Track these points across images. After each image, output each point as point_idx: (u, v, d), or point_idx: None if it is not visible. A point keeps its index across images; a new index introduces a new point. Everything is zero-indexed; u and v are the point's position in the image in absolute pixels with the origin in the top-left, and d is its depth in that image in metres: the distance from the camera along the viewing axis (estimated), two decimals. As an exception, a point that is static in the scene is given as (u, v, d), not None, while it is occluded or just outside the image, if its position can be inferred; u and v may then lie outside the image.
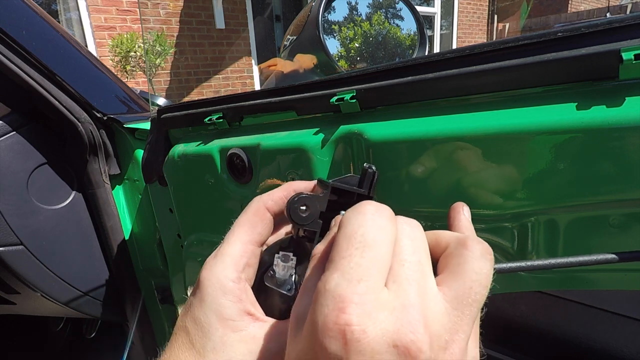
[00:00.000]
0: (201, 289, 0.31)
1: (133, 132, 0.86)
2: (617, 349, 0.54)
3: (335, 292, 0.21)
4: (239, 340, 0.29)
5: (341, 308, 0.21)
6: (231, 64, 5.89)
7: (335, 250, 0.23)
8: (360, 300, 0.21)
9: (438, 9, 8.01)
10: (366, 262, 0.22)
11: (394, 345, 0.20)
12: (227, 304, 0.30)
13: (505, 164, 0.35)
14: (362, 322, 0.20)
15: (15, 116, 0.82)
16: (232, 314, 0.30)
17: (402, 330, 0.21)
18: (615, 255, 0.31)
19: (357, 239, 0.23)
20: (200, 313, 0.30)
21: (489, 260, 0.24)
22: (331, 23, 1.44)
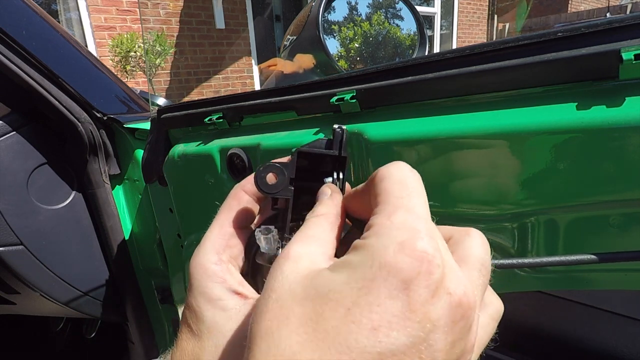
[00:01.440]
0: (189, 277, 0.32)
1: (133, 132, 0.86)
2: (617, 349, 0.54)
3: (407, 224, 0.22)
4: (229, 318, 0.30)
5: (419, 237, 0.21)
6: (231, 64, 5.89)
7: (387, 194, 0.24)
8: (433, 236, 0.22)
9: (438, 9, 8.01)
10: (423, 204, 0.23)
11: (448, 292, 0.21)
12: (212, 286, 0.31)
13: (505, 164, 0.35)
14: (436, 256, 0.21)
15: (15, 116, 0.82)
16: (219, 294, 0.30)
17: (457, 282, 0.21)
18: (597, 255, 0.31)
19: (409, 184, 0.25)
20: (192, 299, 0.31)
21: (488, 247, 0.26)
22: (331, 23, 1.44)
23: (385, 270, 0.20)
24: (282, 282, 0.22)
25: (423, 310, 0.20)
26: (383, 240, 0.21)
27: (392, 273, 0.20)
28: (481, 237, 0.26)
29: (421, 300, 0.20)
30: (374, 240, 0.22)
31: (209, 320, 0.30)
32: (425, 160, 0.39)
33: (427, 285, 0.20)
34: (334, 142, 0.32)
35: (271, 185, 0.31)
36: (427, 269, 0.20)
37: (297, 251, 0.24)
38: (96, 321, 1.17)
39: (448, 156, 0.38)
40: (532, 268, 0.40)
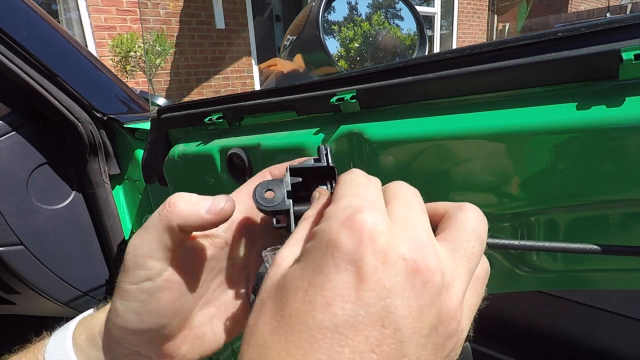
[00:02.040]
0: None
1: (133, 132, 0.86)
2: (617, 349, 0.54)
3: (350, 204, 0.22)
4: None
5: (359, 210, 0.21)
6: (231, 64, 5.89)
7: (339, 189, 0.25)
8: (375, 210, 0.22)
9: (438, 9, 8.01)
10: (370, 193, 0.24)
11: (404, 258, 0.20)
12: None
13: (506, 164, 0.35)
14: (378, 223, 0.21)
15: (15, 116, 0.82)
16: None
17: (413, 247, 0.21)
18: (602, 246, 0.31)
19: (358, 181, 0.25)
20: None
21: (483, 219, 0.26)
22: (331, 23, 1.44)
23: (330, 247, 0.21)
24: (266, 285, 0.23)
25: (374, 278, 0.20)
26: (329, 221, 0.22)
27: (337, 248, 0.21)
28: (474, 211, 0.26)
29: (371, 269, 0.20)
30: (323, 224, 0.22)
31: None
32: (425, 160, 0.39)
33: (373, 252, 0.20)
34: (320, 158, 0.34)
35: (269, 199, 0.32)
36: (370, 236, 0.20)
37: (283, 255, 0.24)
38: (96, 321, 1.17)
39: (448, 156, 0.38)
40: (526, 265, 0.40)
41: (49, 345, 0.32)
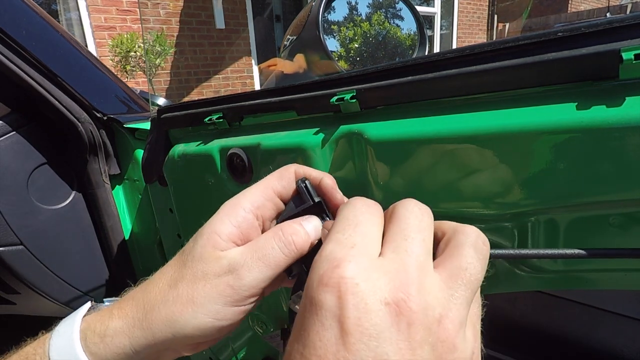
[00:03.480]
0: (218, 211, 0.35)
1: (133, 132, 0.86)
2: (617, 349, 0.54)
3: (330, 255, 0.23)
4: (214, 257, 0.31)
5: (336, 265, 0.22)
6: (231, 64, 5.89)
7: (330, 232, 0.25)
8: (354, 259, 0.22)
9: (438, 9, 8.00)
10: (358, 234, 0.24)
11: (386, 303, 0.21)
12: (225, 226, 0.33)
13: (505, 164, 0.35)
14: (355, 275, 0.21)
15: (15, 116, 0.82)
16: (225, 235, 0.33)
17: (394, 289, 0.21)
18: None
19: (350, 219, 0.26)
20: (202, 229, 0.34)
21: (484, 244, 0.26)
22: (331, 23, 1.44)
23: (314, 306, 0.22)
24: None
25: (360, 330, 0.20)
26: (311, 276, 0.23)
27: (319, 306, 0.21)
28: (475, 235, 0.26)
29: (354, 321, 0.20)
30: (307, 281, 0.23)
31: (197, 253, 0.32)
32: (425, 160, 0.39)
33: (354, 305, 0.20)
34: (302, 196, 0.35)
35: None
36: (347, 289, 0.21)
37: None
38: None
39: (448, 156, 0.38)
40: (526, 265, 0.40)
41: (53, 340, 0.32)
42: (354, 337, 0.20)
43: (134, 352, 0.31)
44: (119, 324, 0.32)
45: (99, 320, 0.33)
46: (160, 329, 0.31)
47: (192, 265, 0.32)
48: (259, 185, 0.36)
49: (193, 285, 0.31)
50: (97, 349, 0.32)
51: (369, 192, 0.45)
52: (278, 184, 0.36)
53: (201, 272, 0.31)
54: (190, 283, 0.31)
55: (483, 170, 0.37)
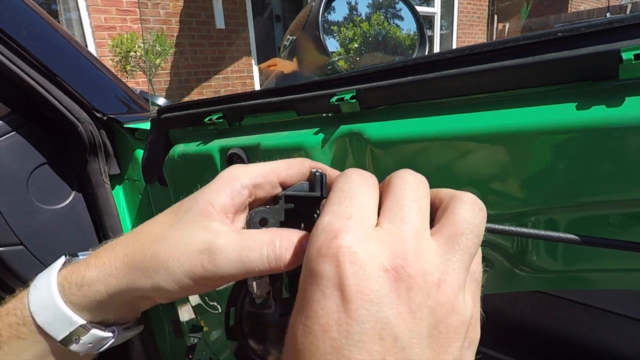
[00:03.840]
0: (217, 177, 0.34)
1: (133, 132, 0.86)
2: (617, 349, 0.54)
3: (327, 227, 0.23)
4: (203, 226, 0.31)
5: (334, 236, 0.22)
6: (231, 64, 5.89)
7: (326, 204, 0.25)
8: (351, 230, 0.23)
9: (438, 9, 8.00)
10: (354, 206, 0.24)
11: (384, 270, 0.21)
12: (221, 197, 0.32)
13: (505, 164, 0.35)
14: (353, 244, 0.22)
15: (15, 116, 0.82)
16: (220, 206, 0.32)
17: (392, 256, 0.22)
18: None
19: (346, 191, 0.26)
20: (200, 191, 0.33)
21: (480, 210, 0.26)
22: (331, 23, 1.44)
23: (314, 276, 0.22)
24: None
25: (360, 296, 0.21)
26: (309, 249, 0.23)
27: (319, 276, 0.22)
28: (471, 202, 0.26)
29: (354, 288, 0.21)
30: (306, 253, 0.24)
31: (187, 220, 0.32)
32: (425, 160, 0.39)
33: (352, 272, 0.21)
34: (315, 185, 0.35)
35: (264, 227, 0.33)
36: (346, 258, 0.21)
37: None
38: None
39: (448, 156, 0.38)
40: (527, 265, 0.40)
41: (32, 295, 0.33)
42: (355, 303, 0.20)
43: (109, 299, 0.32)
44: (95, 273, 0.32)
45: (75, 271, 0.33)
46: (134, 280, 0.31)
47: (179, 229, 0.32)
48: (264, 167, 0.35)
49: (172, 249, 0.31)
50: (75, 299, 0.32)
51: (369, 192, 0.45)
52: (284, 171, 0.35)
53: (184, 241, 0.31)
54: (171, 247, 0.31)
55: (483, 170, 0.37)
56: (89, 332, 0.32)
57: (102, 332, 0.33)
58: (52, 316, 0.32)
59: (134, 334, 0.37)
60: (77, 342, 0.32)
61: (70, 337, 0.32)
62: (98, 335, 0.33)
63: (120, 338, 0.35)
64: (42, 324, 0.32)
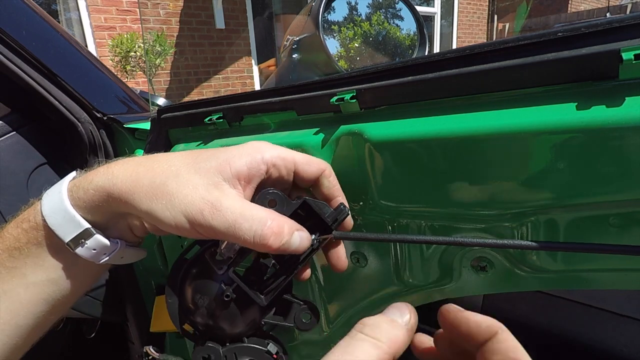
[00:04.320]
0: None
1: (133, 132, 0.86)
2: (617, 349, 0.54)
3: None
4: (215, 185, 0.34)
5: None
6: (231, 64, 5.89)
7: None
8: None
9: (438, 9, 8.01)
10: None
11: None
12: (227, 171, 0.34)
13: (505, 164, 0.35)
14: None
15: (15, 116, 0.82)
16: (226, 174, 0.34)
17: None
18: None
19: None
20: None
21: None
22: (331, 23, 1.44)
23: None
24: None
25: None
26: None
27: None
28: None
29: None
30: None
31: (204, 168, 0.34)
32: (425, 160, 0.39)
33: None
34: (334, 214, 0.37)
35: (270, 208, 0.35)
36: None
37: None
38: (96, 321, 1.17)
39: (448, 156, 0.38)
40: (526, 265, 0.40)
41: (44, 200, 0.35)
42: None
43: (109, 208, 0.34)
44: (102, 179, 0.34)
45: (85, 178, 0.35)
46: (134, 197, 0.33)
47: (193, 173, 0.33)
48: (288, 152, 0.37)
49: (181, 187, 0.33)
50: (81, 203, 0.34)
51: (369, 192, 0.45)
52: (303, 165, 0.37)
53: (195, 183, 0.33)
54: (180, 184, 0.33)
55: (483, 170, 0.37)
56: (93, 237, 0.34)
57: (104, 239, 0.35)
58: (61, 218, 0.34)
59: (137, 255, 0.39)
60: (82, 246, 0.34)
61: (76, 239, 0.34)
62: (101, 241, 0.35)
63: (123, 253, 0.37)
64: (52, 226, 0.34)
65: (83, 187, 0.34)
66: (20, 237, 0.35)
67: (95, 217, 0.35)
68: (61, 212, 0.34)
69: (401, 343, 0.25)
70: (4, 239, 0.36)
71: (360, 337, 0.24)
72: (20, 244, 0.35)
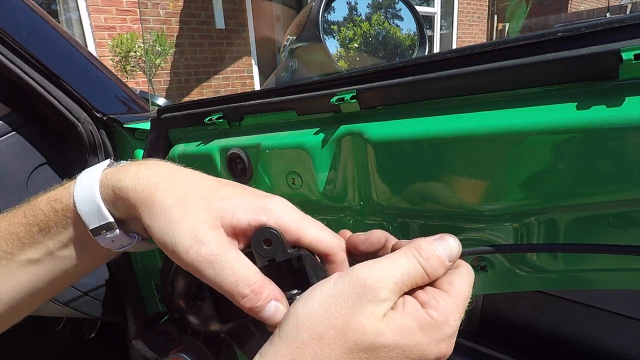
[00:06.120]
0: None
1: (133, 132, 0.86)
2: (617, 349, 0.54)
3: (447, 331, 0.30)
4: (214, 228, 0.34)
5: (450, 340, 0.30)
6: (231, 64, 5.89)
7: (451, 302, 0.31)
8: None
9: (438, 9, 8.01)
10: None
11: None
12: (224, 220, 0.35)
13: (505, 164, 0.35)
14: None
15: (15, 116, 0.82)
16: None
17: None
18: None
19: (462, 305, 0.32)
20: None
21: None
22: (331, 23, 1.44)
23: None
24: None
25: None
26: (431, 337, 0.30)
27: None
28: None
29: None
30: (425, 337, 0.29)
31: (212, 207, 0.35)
32: (425, 160, 0.39)
33: None
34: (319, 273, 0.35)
35: (265, 248, 0.34)
36: None
37: None
38: (96, 321, 1.17)
39: (448, 156, 0.38)
40: (526, 265, 0.40)
41: (77, 185, 0.38)
42: None
43: (129, 211, 0.37)
44: (128, 183, 0.36)
45: (114, 175, 0.37)
46: (142, 216, 0.35)
47: (200, 207, 0.35)
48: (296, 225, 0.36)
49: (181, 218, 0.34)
50: (108, 198, 0.37)
51: (369, 192, 0.45)
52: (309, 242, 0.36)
53: (194, 218, 0.34)
54: (182, 215, 0.34)
55: (483, 169, 0.37)
56: (114, 231, 0.37)
57: (124, 235, 0.38)
58: (89, 208, 0.37)
59: (151, 247, 0.41)
60: (103, 235, 0.37)
61: (99, 229, 0.37)
62: (120, 236, 0.38)
63: (138, 246, 0.40)
64: (81, 212, 0.37)
65: (112, 184, 0.37)
66: (51, 216, 0.38)
67: (118, 213, 0.37)
68: (91, 202, 0.37)
69: None
70: (35, 213, 0.39)
71: None
72: (50, 223, 0.38)
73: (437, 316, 0.29)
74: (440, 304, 0.30)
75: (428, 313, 0.29)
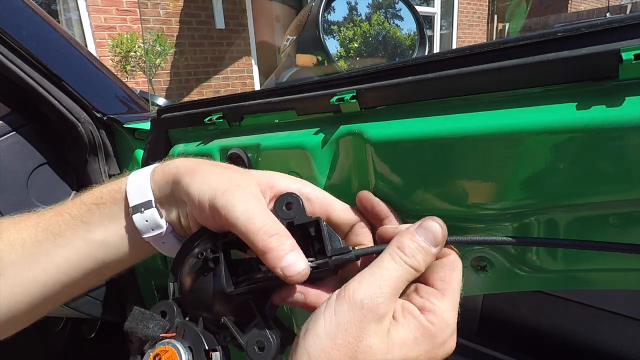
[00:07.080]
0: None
1: (133, 132, 0.86)
2: (617, 349, 0.55)
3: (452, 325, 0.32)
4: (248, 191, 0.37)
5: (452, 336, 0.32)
6: (231, 64, 5.89)
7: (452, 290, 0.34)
8: None
9: (438, 9, 8.01)
10: None
11: None
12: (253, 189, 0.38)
13: (505, 164, 0.35)
14: None
15: (15, 116, 0.82)
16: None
17: None
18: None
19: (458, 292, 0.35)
20: None
21: None
22: (331, 23, 1.44)
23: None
24: None
25: None
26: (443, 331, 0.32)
27: None
28: None
29: None
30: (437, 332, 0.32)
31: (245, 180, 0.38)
32: (425, 160, 0.39)
33: None
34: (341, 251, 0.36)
35: (285, 211, 0.37)
36: None
37: None
38: (96, 321, 1.17)
39: (448, 156, 0.38)
40: (526, 265, 0.40)
41: (130, 178, 0.40)
42: None
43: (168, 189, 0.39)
44: (174, 165, 0.39)
45: (167, 163, 0.40)
46: (181, 180, 0.38)
47: (236, 172, 0.39)
48: (325, 195, 0.41)
49: (217, 173, 0.38)
50: (156, 178, 0.40)
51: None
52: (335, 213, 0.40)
53: (230, 174, 0.38)
54: (218, 173, 0.38)
55: (483, 170, 0.37)
56: (151, 209, 0.39)
57: (157, 215, 0.39)
58: (137, 186, 0.40)
59: (173, 249, 0.42)
60: (141, 213, 0.39)
61: (138, 207, 0.39)
62: (155, 215, 0.39)
63: (165, 239, 0.41)
64: (128, 190, 0.39)
65: (162, 168, 0.40)
66: (103, 195, 0.41)
67: (161, 195, 0.40)
68: (139, 181, 0.39)
69: None
70: (92, 195, 0.41)
71: None
72: (99, 202, 0.40)
73: (437, 322, 0.31)
74: (437, 306, 0.31)
75: (428, 319, 0.31)
